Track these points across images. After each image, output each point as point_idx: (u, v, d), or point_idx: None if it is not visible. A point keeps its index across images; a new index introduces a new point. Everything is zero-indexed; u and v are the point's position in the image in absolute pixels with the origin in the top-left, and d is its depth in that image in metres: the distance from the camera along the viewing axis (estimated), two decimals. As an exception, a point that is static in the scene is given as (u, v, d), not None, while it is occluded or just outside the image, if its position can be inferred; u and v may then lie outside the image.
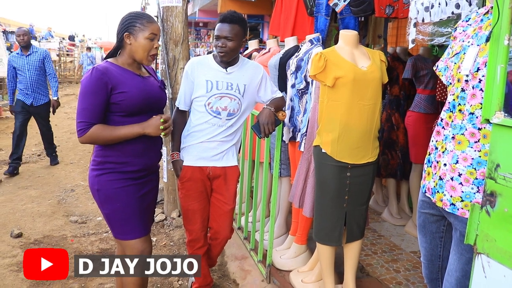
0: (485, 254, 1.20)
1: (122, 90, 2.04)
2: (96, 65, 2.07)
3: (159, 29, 2.15)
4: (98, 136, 2.02)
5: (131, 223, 2.15)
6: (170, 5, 3.82)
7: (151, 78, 2.26)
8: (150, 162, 2.23)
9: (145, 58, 2.12)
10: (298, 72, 2.87)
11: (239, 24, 2.37)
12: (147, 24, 2.08)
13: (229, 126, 2.45)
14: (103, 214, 2.18)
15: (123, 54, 2.14)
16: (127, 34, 2.08)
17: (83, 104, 2.02)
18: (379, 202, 4.41)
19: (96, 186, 2.11)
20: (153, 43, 2.10)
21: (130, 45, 2.10)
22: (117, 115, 2.07)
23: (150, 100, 2.15)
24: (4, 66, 9.59)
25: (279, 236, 3.40)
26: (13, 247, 3.56)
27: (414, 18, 2.50)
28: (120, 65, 2.11)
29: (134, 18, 2.10)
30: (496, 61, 1.18)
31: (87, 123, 2.01)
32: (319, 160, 2.43)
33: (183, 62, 3.87)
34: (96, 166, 2.12)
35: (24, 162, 6.18)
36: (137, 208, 2.16)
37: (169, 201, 4.24)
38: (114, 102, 2.04)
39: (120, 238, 2.18)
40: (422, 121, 3.61)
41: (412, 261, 3.25)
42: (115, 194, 2.10)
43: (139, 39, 2.08)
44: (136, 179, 2.15)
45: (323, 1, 3.20)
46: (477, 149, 1.45)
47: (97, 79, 2.00)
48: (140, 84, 2.12)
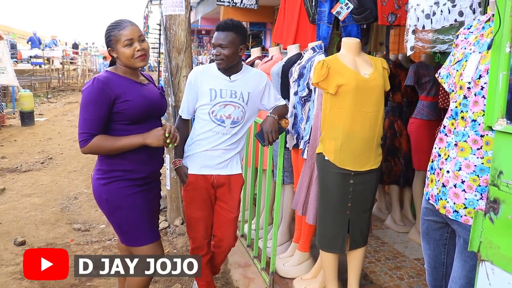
0: (489, 261, 1.20)
1: (126, 98, 2.05)
2: (98, 75, 2.08)
3: (133, 31, 2.09)
4: (99, 147, 2.03)
5: (142, 229, 2.17)
6: (173, 13, 3.84)
7: (151, 84, 2.27)
8: (154, 169, 2.26)
9: (133, 63, 2.10)
10: (301, 79, 2.88)
11: (234, 31, 2.37)
12: (119, 33, 2.07)
13: (233, 134, 2.45)
14: (113, 223, 2.19)
15: (119, 65, 2.15)
16: (110, 49, 2.11)
17: (85, 114, 2.02)
18: (382, 209, 4.39)
19: (104, 195, 2.11)
20: (134, 47, 2.07)
21: (117, 57, 2.12)
22: (120, 124, 2.08)
23: (152, 107, 2.16)
24: (8, 74, 9.65)
25: (282, 243, 3.39)
26: (16, 255, 3.56)
27: (413, 25, 2.50)
28: (120, 74, 2.13)
29: (109, 31, 2.10)
30: (498, 69, 1.19)
31: (88, 134, 2.01)
32: (322, 167, 2.43)
33: (186, 70, 3.88)
34: (102, 175, 2.12)
35: (27, 170, 6.20)
36: (147, 214, 2.18)
37: (172, 209, 4.24)
38: (117, 111, 2.05)
39: (133, 245, 2.19)
40: (424, 128, 3.61)
41: (415, 268, 3.23)
42: (125, 201, 2.11)
43: (119, 49, 2.07)
44: (142, 186, 2.17)
45: (325, 9, 3.22)
46: (480, 156, 1.45)
47: (99, 89, 2.00)
48: (142, 91, 2.13)
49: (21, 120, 9.91)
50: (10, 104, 11.46)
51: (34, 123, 10.04)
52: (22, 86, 11.54)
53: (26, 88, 11.38)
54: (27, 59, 17.67)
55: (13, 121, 10.37)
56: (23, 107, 9.82)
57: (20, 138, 8.49)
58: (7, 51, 9.97)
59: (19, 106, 10.03)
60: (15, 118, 10.63)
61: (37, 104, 12.82)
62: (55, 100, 14.90)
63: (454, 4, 2.22)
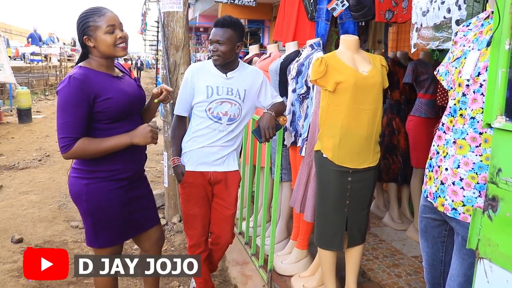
0: (488, 259, 1.20)
1: (107, 96, 1.92)
2: (72, 73, 1.91)
3: (115, 18, 1.98)
4: (84, 151, 1.90)
5: (117, 232, 2.11)
6: (171, 10, 3.83)
7: (126, 77, 2.14)
8: (139, 167, 2.19)
9: (114, 51, 1.98)
10: (299, 77, 2.88)
11: (231, 28, 2.36)
12: (100, 19, 1.93)
13: (230, 131, 2.45)
14: (88, 223, 2.08)
15: (93, 57, 2.00)
16: (86, 37, 1.94)
17: (65, 117, 1.87)
18: (380, 206, 4.40)
19: (85, 196, 2.00)
20: (115, 34, 1.95)
21: (94, 47, 1.96)
22: (102, 123, 1.97)
23: (133, 103, 2.06)
24: (5, 72, 9.63)
25: (280, 241, 3.39)
26: (13, 253, 3.56)
27: (415, 23, 2.51)
28: (95, 69, 1.98)
29: (85, 18, 1.94)
30: (497, 66, 1.18)
31: (71, 138, 1.87)
32: (320, 165, 2.43)
33: (184, 67, 3.87)
34: (84, 175, 2.01)
35: (25, 167, 6.19)
36: (122, 217, 2.10)
37: (170, 206, 4.24)
38: (99, 111, 1.92)
39: (97, 246, 2.11)
40: (423, 125, 3.61)
41: (413, 266, 3.24)
42: (106, 204, 2.02)
43: (99, 37, 1.93)
44: (126, 186, 2.08)
45: (324, 6, 3.21)
46: (479, 154, 1.45)
47: (77, 88, 1.85)
48: (121, 86, 2.02)
49: (18, 117, 9.91)
50: (7, 101, 11.43)
51: (32, 120, 10.03)
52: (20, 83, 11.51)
53: (23, 85, 11.36)
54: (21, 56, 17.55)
55: (10, 118, 10.35)
56: (21, 104, 9.81)
57: (18, 136, 8.47)
58: (4, 48, 9.95)
59: (16, 103, 10.03)
60: (12, 115, 10.62)
61: (34, 101, 12.81)
62: (53, 97, 14.87)
63: (443, 0, 2.22)
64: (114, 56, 2.03)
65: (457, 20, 2.12)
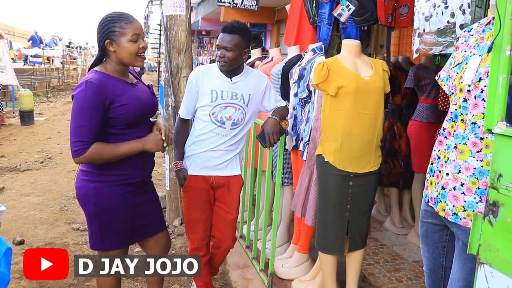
0: (488, 264, 1.20)
1: (122, 103, 1.93)
2: (89, 77, 1.90)
3: (141, 27, 1.98)
4: (98, 156, 1.90)
5: (119, 236, 2.10)
6: (173, 13, 3.84)
7: (140, 83, 2.16)
8: (147, 173, 2.19)
9: (134, 60, 1.99)
10: (301, 81, 2.88)
11: (239, 34, 2.35)
12: (126, 26, 1.93)
13: (233, 135, 2.45)
14: (93, 226, 2.07)
15: (110, 62, 1.99)
16: (108, 41, 1.93)
17: (79, 121, 1.87)
18: (381, 211, 4.39)
19: (93, 199, 1.99)
20: (138, 44, 1.95)
21: (114, 52, 1.95)
22: (115, 128, 1.97)
23: (146, 110, 2.07)
24: (8, 74, 9.66)
25: (281, 245, 3.39)
26: (15, 254, 3.55)
27: (417, 28, 2.52)
28: (111, 75, 1.98)
29: (111, 22, 1.93)
30: (498, 71, 1.19)
31: (85, 143, 1.87)
32: (322, 169, 2.43)
33: (186, 71, 3.88)
34: (93, 178, 2.00)
35: (27, 169, 6.20)
36: (128, 222, 2.09)
37: (171, 209, 4.24)
38: (113, 116, 1.93)
39: (101, 249, 2.11)
40: (424, 130, 3.61)
41: (414, 271, 3.23)
42: (113, 208, 2.02)
43: (122, 43, 1.93)
44: (133, 191, 2.08)
45: (326, 10, 3.22)
46: (479, 159, 1.45)
47: (93, 93, 1.85)
48: (135, 93, 2.02)
49: (20, 119, 9.92)
50: (9, 103, 11.45)
51: (34, 122, 10.04)
52: (22, 85, 11.54)
53: (26, 87, 11.39)
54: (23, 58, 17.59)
55: (13, 120, 10.37)
56: (23, 106, 9.83)
57: (20, 137, 8.48)
58: (7, 50, 9.98)
59: (19, 105, 10.04)
60: (15, 117, 10.63)
61: (36, 103, 12.82)
62: (55, 99, 14.90)
63: (446, 5, 2.23)
64: (132, 65, 2.04)
65: (461, 24, 2.12)
